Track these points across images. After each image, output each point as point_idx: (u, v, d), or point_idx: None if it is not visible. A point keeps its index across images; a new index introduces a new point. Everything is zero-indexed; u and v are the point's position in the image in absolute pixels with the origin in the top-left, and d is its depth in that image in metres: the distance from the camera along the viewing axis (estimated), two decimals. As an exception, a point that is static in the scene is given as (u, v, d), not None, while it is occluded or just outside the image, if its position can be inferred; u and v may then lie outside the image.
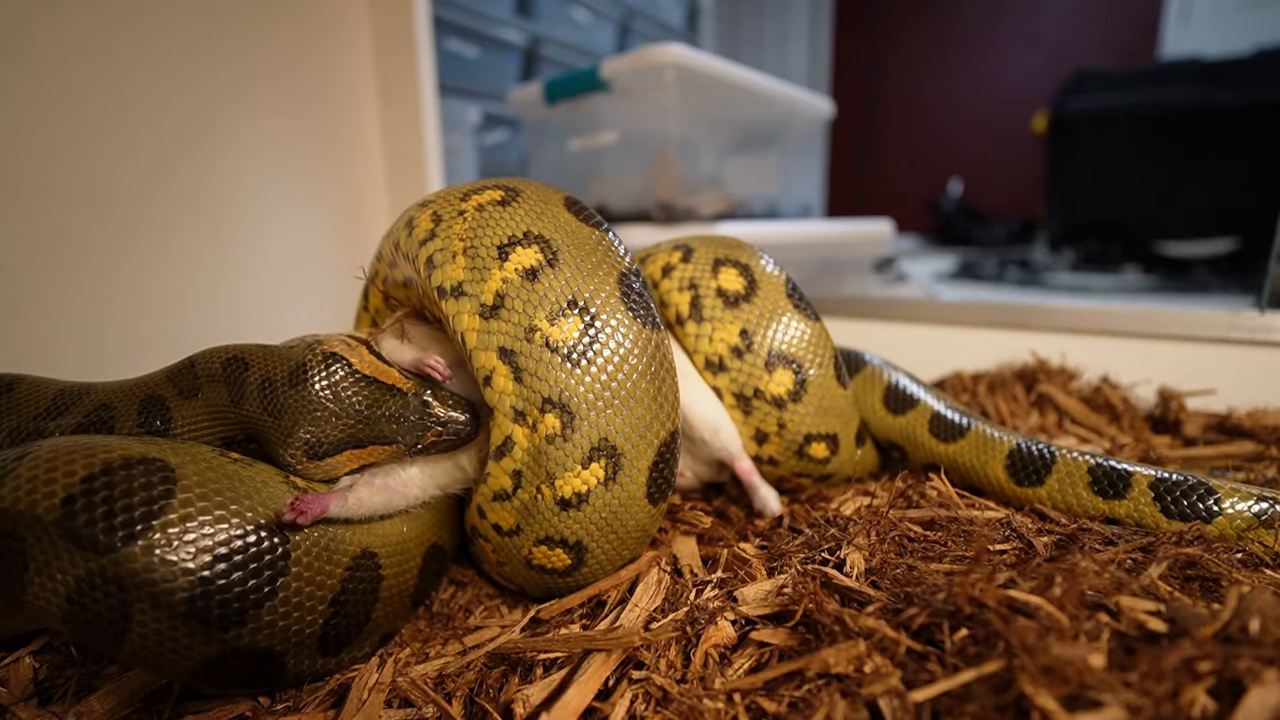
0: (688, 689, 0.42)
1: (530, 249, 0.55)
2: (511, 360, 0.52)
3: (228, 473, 0.47)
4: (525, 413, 0.52)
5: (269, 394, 0.53)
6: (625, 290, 0.56)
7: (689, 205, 1.57)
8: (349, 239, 1.49)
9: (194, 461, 0.46)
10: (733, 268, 0.72)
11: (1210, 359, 1.01)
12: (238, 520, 0.44)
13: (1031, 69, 3.63)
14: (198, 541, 0.42)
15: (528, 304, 0.53)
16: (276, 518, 0.46)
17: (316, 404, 0.52)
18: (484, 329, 0.53)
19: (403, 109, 1.46)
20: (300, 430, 0.52)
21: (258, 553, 0.44)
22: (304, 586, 0.46)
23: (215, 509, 0.44)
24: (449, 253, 0.56)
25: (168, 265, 1.20)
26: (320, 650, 0.48)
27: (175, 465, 0.44)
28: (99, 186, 1.10)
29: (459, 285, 0.55)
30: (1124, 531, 0.56)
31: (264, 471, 0.50)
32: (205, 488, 0.44)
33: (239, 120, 1.27)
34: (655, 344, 0.56)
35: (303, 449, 0.52)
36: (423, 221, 0.60)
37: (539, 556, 0.56)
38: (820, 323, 0.71)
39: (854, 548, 0.53)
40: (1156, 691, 0.33)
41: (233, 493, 0.45)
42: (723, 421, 0.70)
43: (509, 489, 0.54)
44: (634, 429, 0.53)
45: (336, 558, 0.49)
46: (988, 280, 2.34)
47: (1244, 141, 1.97)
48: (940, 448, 0.74)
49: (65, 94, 1.05)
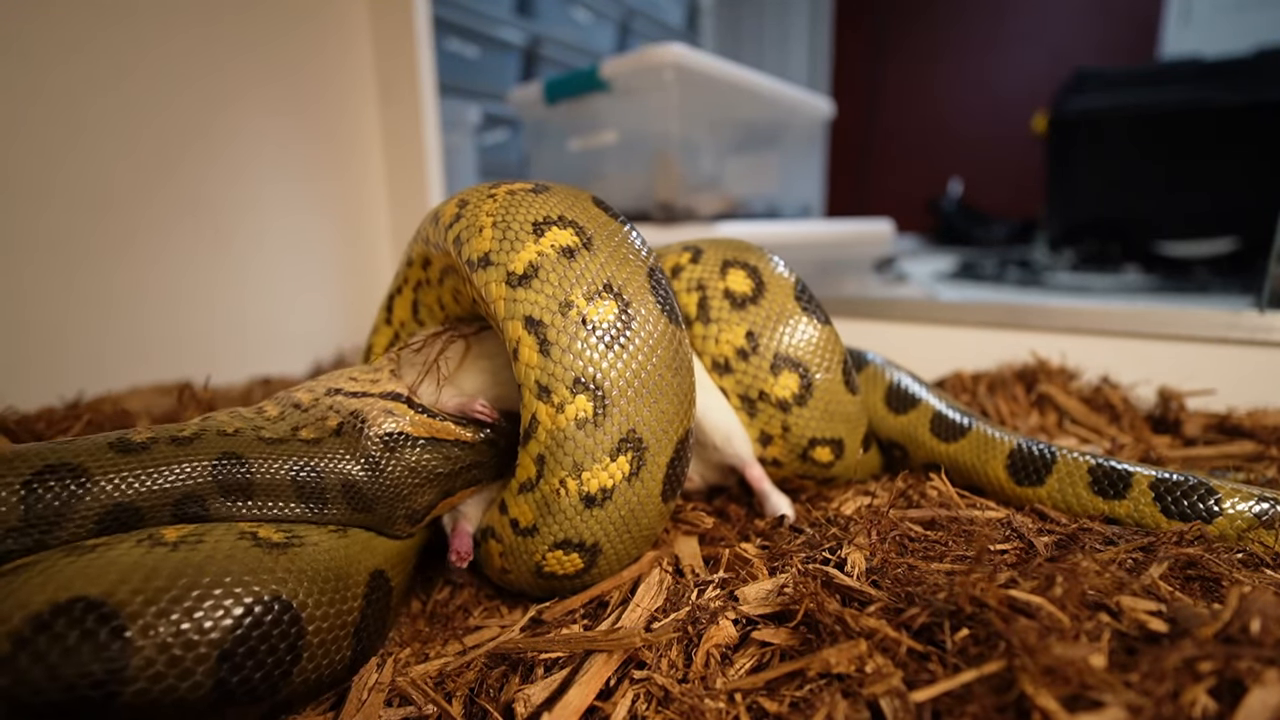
0: (689, 689, 0.42)
1: (566, 230, 0.55)
2: (538, 331, 0.51)
3: (174, 566, 0.41)
4: (551, 389, 0.51)
5: (353, 496, 0.53)
6: (655, 284, 0.56)
7: (689, 205, 1.57)
8: (349, 238, 1.49)
9: (129, 575, 0.39)
10: (741, 269, 0.72)
11: (1210, 359, 1.01)
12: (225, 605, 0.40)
13: (1031, 69, 3.63)
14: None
15: (564, 279, 0.52)
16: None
17: (404, 484, 0.54)
18: (511, 296, 0.53)
19: (403, 109, 1.46)
20: (397, 512, 0.55)
21: (266, 632, 0.41)
22: (325, 635, 0.45)
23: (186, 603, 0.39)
24: (475, 227, 0.56)
25: (169, 265, 1.20)
26: (350, 672, 0.49)
27: (105, 596, 0.38)
28: (100, 187, 1.10)
29: (485, 255, 0.54)
30: (1124, 531, 0.56)
31: (220, 541, 0.44)
32: (155, 601, 0.38)
33: (239, 120, 1.27)
34: (680, 340, 0.56)
35: (405, 523, 0.56)
36: (448, 209, 0.60)
37: (552, 563, 0.55)
38: (830, 326, 0.70)
39: (855, 547, 0.53)
40: (1157, 692, 0.33)
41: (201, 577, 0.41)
42: (735, 428, 0.70)
43: (533, 478, 0.53)
44: (659, 422, 0.53)
45: (352, 590, 0.48)
46: (988, 280, 2.34)
47: (1244, 141, 1.97)
48: (941, 447, 0.74)
49: (66, 94, 1.05)
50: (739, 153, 1.83)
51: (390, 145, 1.51)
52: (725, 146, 1.75)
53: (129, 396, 1.05)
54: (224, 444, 0.49)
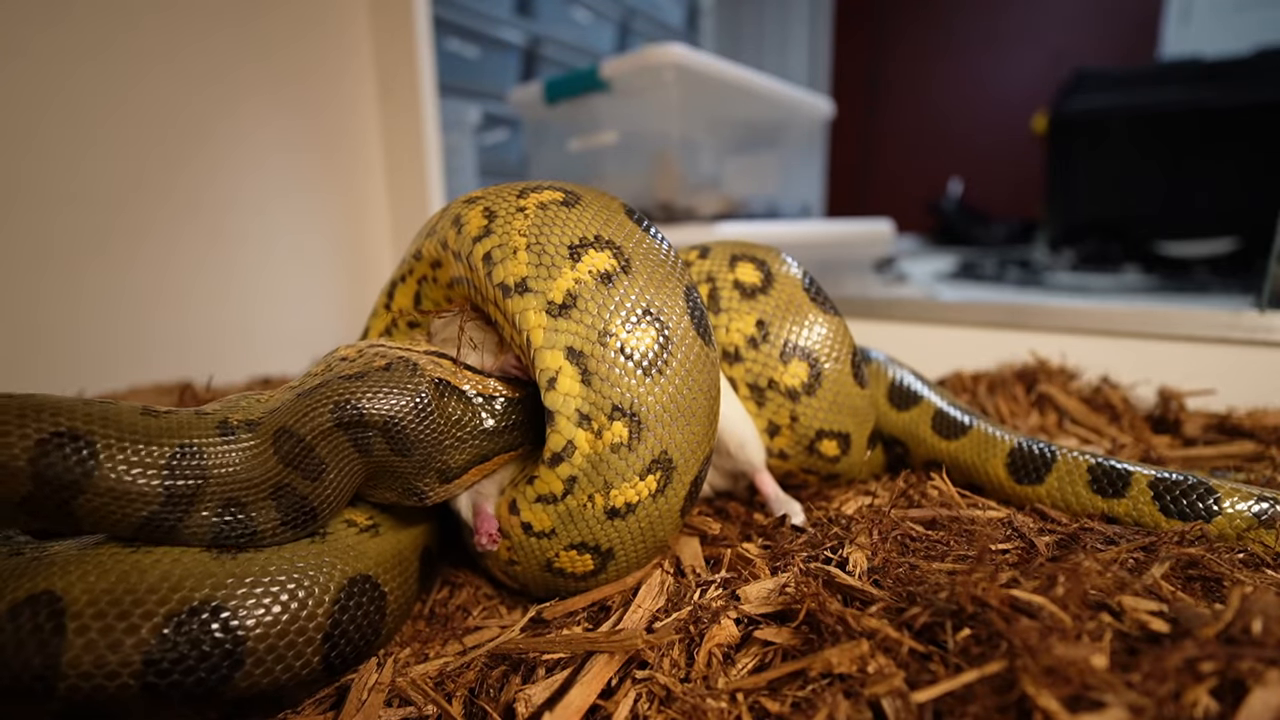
0: (691, 688, 0.42)
1: (603, 253, 0.54)
2: (580, 362, 0.51)
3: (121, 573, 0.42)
4: (591, 417, 0.51)
5: (396, 436, 0.51)
6: (691, 305, 0.56)
7: (689, 205, 1.57)
8: (349, 238, 1.49)
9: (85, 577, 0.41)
10: (749, 262, 0.72)
11: (1210, 359, 1.01)
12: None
13: (1031, 69, 3.63)
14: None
15: (603, 308, 0.52)
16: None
17: (446, 435, 0.53)
18: (552, 327, 0.52)
19: (403, 109, 1.46)
20: (434, 462, 0.53)
21: (206, 640, 0.41)
22: (277, 639, 0.44)
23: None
24: (509, 248, 0.55)
25: (170, 266, 1.20)
26: (328, 676, 0.48)
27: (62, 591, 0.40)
28: (102, 189, 1.10)
29: (523, 281, 0.53)
30: (1125, 531, 0.56)
31: (173, 548, 0.45)
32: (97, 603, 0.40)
33: (241, 121, 1.27)
34: (713, 361, 0.56)
35: (437, 477, 0.54)
36: (473, 218, 0.58)
37: (564, 560, 0.55)
38: (840, 318, 0.71)
39: (856, 547, 0.53)
40: (1159, 692, 0.33)
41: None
42: (749, 435, 0.70)
43: (558, 494, 0.53)
44: (689, 444, 0.54)
45: (316, 596, 0.47)
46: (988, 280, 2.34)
47: (1244, 141, 1.97)
48: (942, 445, 0.74)
49: (72, 100, 1.06)
50: (739, 153, 1.83)
51: (390, 145, 1.51)
52: (725, 146, 1.75)
53: (129, 396, 1.05)
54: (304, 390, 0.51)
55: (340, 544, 0.51)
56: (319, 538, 0.51)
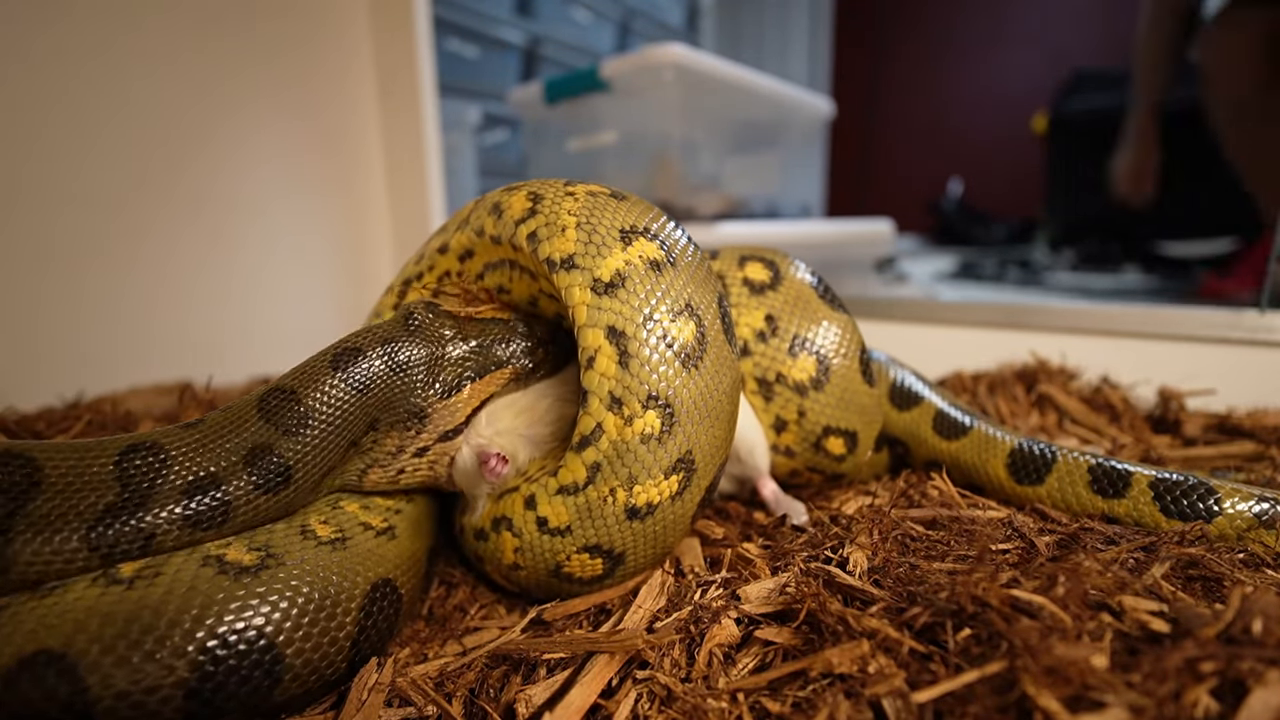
0: (692, 688, 0.42)
1: (652, 244, 0.55)
2: (620, 343, 0.51)
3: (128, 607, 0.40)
4: (623, 401, 0.51)
5: (391, 355, 0.54)
6: (723, 310, 0.57)
7: (689, 205, 1.57)
8: (349, 238, 1.49)
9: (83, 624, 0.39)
10: (758, 261, 0.73)
11: (1210, 359, 1.01)
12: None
13: (1031, 69, 3.63)
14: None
15: (650, 293, 0.52)
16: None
17: (435, 341, 0.57)
18: (595, 304, 0.52)
19: (403, 108, 1.45)
20: (432, 376, 0.56)
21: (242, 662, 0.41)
22: (309, 656, 0.44)
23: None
24: (557, 226, 0.56)
25: (171, 266, 1.20)
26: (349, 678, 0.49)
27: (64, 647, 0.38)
28: (104, 189, 1.11)
29: (570, 258, 0.54)
30: (1126, 531, 0.56)
31: (181, 572, 0.43)
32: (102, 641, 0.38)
33: (241, 119, 1.27)
34: (737, 368, 0.57)
35: (439, 391, 0.56)
36: (515, 202, 0.59)
37: (573, 565, 0.55)
38: (849, 316, 0.71)
39: (857, 547, 0.53)
40: (1159, 692, 0.33)
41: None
42: (759, 441, 0.70)
43: (580, 483, 0.53)
44: (711, 446, 0.54)
45: (344, 606, 0.47)
46: (988, 280, 2.34)
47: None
48: (943, 445, 0.74)
49: (74, 101, 1.06)
50: (739, 152, 1.83)
51: (390, 145, 1.51)
52: (725, 146, 1.75)
53: (129, 396, 1.05)
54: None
55: (361, 550, 0.52)
56: (340, 545, 0.51)
